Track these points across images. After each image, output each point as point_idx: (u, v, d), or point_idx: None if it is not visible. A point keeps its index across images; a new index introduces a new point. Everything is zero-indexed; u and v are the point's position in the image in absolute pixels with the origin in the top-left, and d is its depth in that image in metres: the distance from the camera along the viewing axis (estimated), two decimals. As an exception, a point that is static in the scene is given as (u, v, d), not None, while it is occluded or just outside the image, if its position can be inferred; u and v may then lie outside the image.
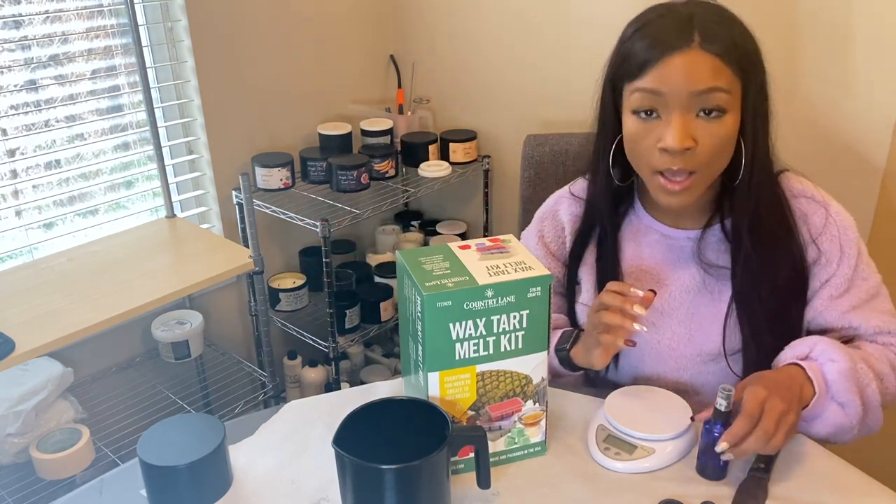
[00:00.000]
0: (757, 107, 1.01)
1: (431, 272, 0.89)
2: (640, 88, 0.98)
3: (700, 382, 1.13)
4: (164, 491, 0.90)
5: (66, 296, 1.55)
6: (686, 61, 0.95)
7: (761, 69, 1.01)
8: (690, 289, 1.11)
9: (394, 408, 0.89)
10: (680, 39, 0.95)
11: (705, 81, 0.95)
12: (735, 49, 0.97)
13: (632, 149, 1.03)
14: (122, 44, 1.83)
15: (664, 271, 1.13)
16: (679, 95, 0.96)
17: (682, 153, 0.97)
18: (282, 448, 1.01)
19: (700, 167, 0.99)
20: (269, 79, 2.04)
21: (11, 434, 1.58)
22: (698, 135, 0.97)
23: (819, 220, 1.07)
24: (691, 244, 1.11)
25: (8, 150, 1.71)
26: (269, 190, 1.97)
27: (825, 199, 1.10)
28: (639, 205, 1.16)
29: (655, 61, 0.96)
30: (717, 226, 1.10)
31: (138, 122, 1.90)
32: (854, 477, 0.93)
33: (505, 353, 0.91)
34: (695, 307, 1.11)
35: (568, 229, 1.21)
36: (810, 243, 1.07)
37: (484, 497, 0.92)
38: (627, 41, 1.01)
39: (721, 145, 0.98)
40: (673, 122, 0.97)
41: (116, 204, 1.92)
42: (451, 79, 2.22)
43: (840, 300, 1.07)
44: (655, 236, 1.14)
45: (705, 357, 1.11)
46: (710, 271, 1.09)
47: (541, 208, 1.26)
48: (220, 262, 1.70)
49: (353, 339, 2.08)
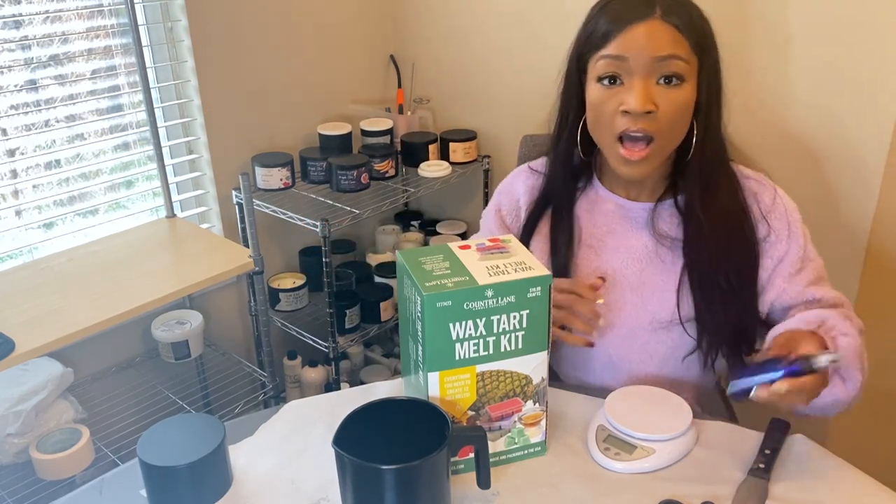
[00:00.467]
0: (711, 86, 1.07)
1: (431, 272, 0.89)
2: (604, 55, 1.04)
3: (652, 350, 1.17)
4: (164, 491, 0.90)
5: (66, 296, 1.55)
6: (648, 29, 1.02)
7: (715, 51, 1.08)
8: (642, 256, 1.16)
9: (394, 408, 0.89)
10: (642, 11, 1.02)
11: (666, 48, 1.01)
12: (693, 25, 1.04)
13: (595, 115, 1.08)
14: (122, 44, 1.83)
15: (617, 237, 1.18)
16: (641, 60, 1.02)
17: (644, 116, 1.03)
18: (282, 448, 1.01)
19: (659, 133, 1.05)
20: (269, 79, 2.04)
21: (11, 434, 1.58)
22: (659, 100, 1.03)
23: (768, 198, 1.14)
24: (645, 214, 1.17)
25: (8, 150, 1.71)
26: (269, 190, 1.97)
27: (773, 183, 1.18)
28: (597, 181, 1.22)
29: (619, 31, 1.03)
30: (669, 200, 1.15)
31: (138, 122, 1.90)
32: (854, 477, 0.93)
33: (505, 353, 0.91)
34: (647, 275, 1.16)
35: (523, 201, 1.25)
36: (761, 220, 1.13)
37: (484, 497, 0.92)
38: (593, 18, 1.08)
39: (679, 112, 1.04)
40: (635, 86, 1.03)
41: (116, 204, 1.92)
42: (451, 79, 2.22)
43: (798, 277, 1.12)
44: (610, 206, 1.19)
45: (657, 325, 1.15)
46: (662, 241, 1.15)
47: (501, 183, 1.31)
48: (220, 262, 1.70)
49: (353, 339, 2.08)
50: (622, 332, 1.17)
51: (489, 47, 2.10)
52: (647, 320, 1.16)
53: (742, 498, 0.89)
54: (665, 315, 1.15)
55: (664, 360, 1.17)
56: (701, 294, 1.12)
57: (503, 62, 2.09)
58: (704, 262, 1.11)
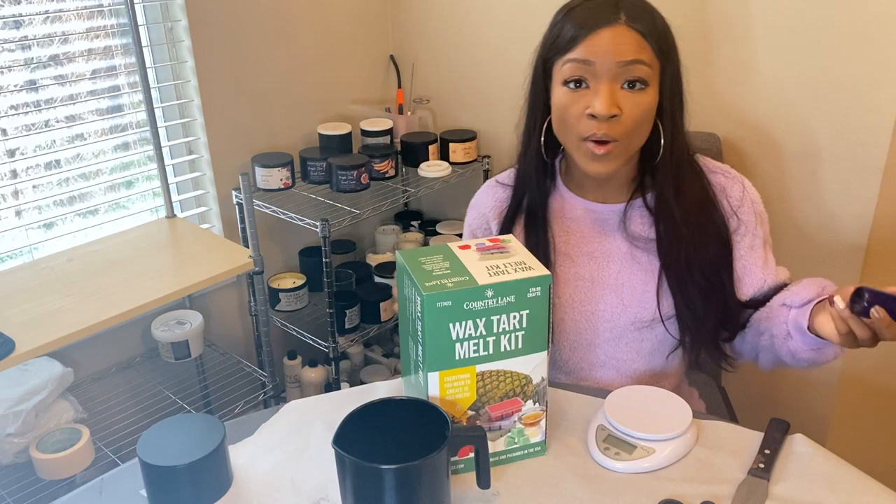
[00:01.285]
0: (674, 89, 1.10)
1: (431, 272, 0.89)
2: (571, 59, 1.06)
3: (636, 350, 1.20)
4: (164, 491, 0.90)
5: (66, 296, 1.55)
6: (613, 35, 1.04)
7: (677, 56, 1.10)
8: (617, 259, 1.18)
9: (394, 408, 0.89)
10: (607, 17, 1.04)
11: (630, 53, 1.03)
12: (656, 32, 1.06)
13: (561, 118, 1.10)
14: (122, 44, 1.83)
15: (590, 242, 1.19)
16: (607, 65, 1.04)
17: (609, 120, 1.05)
18: (282, 448, 1.01)
19: (623, 136, 1.07)
20: (269, 79, 2.04)
21: (11, 434, 1.58)
22: (623, 104, 1.05)
23: (738, 192, 1.17)
24: (616, 216, 1.18)
25: (8, 150, 1.71)
26: (269, 190, 1.97)
27: (740, 175, 1.19)
28: (562, 186, 1.22)
29: (585, 36, 1.05)
30: (639, 200, 1.17)
31: (138, 122, 1.90)
32: (854, 477, 0.93)
33: (505, 353, 0.91)
34: (624, 277, 1.17)
35: (492, 215, 1.26)
36: (731, 215, 1.16)
37: (484, 497, 0.92)
38: (558, 23, 1.10)
39: (643, 116, 1.07)
40: (601, 90, 1.05)
41: (116, 204, 1.92)
42: (451, 79, 2.22)
43: (768, 261, 1.18)
44: (579, 211, 1.20)
45: (640, 324, 1.17)
46: (636, 243, 1.17)
47: (472, 198, 1.32)
48: (220, 262, 1.70)
49: (353, 339, 2.08)
50: (606, 334, 1.19)
51: (489, 47, 2.10)
52: (629, 321, 1.18)
53: (742, 498, 0.89)
54: (647, 314, 1.17)
55: (651, 355, 1.20)
56: (679, 292, 1.14)
57: (503, 62, 2.09)
58: (680, 260, 1.13)
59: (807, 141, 1.63)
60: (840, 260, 1.66)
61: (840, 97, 1.57)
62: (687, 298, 1.14)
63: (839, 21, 1.52)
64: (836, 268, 1.68)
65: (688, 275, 1.13)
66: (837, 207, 1.64)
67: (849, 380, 1.74)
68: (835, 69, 1.55)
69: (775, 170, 1.70)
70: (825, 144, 1.61)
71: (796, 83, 1.61)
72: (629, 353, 1.20)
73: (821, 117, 1.60)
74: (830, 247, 1.67)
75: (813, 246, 1.69)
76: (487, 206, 1.26)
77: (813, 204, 1.67)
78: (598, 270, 1.18)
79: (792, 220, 1.70)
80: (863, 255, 1.63)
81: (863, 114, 1.55)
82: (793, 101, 1.62)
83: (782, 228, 1.72)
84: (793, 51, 1.59)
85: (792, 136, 1.65)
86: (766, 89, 1.65)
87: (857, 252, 1.64)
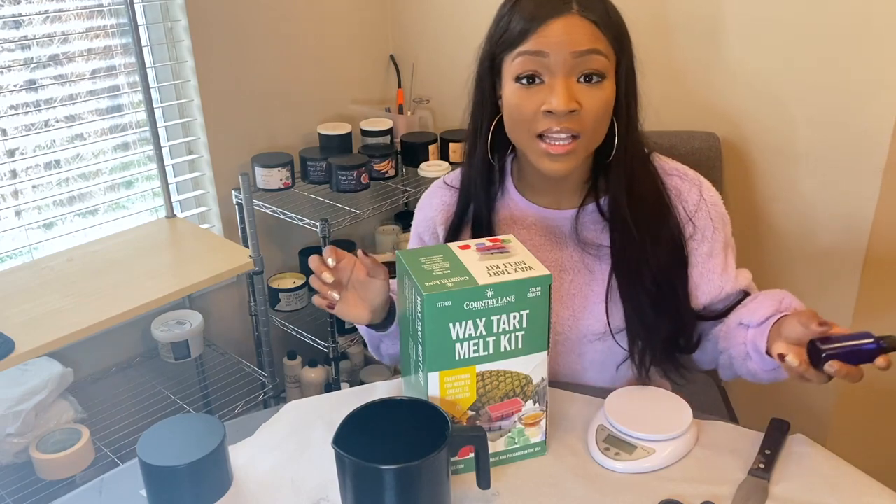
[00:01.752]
0: (629, 84, 1.04)
1: (431, 272, 0.89)
2: (522, 52, 1.00)
3: (588, 361, 1.15)
4: (164, 491, 0.90)
5: (66, 296, 1.55)
6: (566, 24, 0.98)
7: (631, 49, 1.05)
8: (570, 269, 1.13)
9: (394, 408, 0.89)
10: (558, 7, 0.99)
11: (585, 43, 0.98)
12: (610, 21, 1.01)
13: (514, 117, 1.04)
14: (122, 44, 1.83)
15: (542, 253, 1.14)
16: (561, 56, 0.98)
17: (568, 115, 0.99)
18: (282, 448, 1.01)
19: (584, 131, 1.01)
20: (269, 79, 2.04)
21: (11, 434, 1.58)
22: (581, 98, 0.99)
23: (694, 196, 1.11)
24: (568, 223, 1.13)
25: (8, 150, 1.71)
26: (268, 190, 1.97)
27: (697, 177, 1.13)
28: (512, 188, 1.16)
29: (537, 27, 0.99)
30: (591, 205, 1.11)
31: (138, 122, 1.90)
32: (854, 477, 0.93)
33: (505, 353, 0.91)
34: (576, 288, 1.12)
35: (439, 219, 1.19)
36: (687, 221, 1.10)
37: (484, 497, 0.92)
38: (505, 16, 1.04)
39: (603, 109, 1.01)
40: (557, 85, 0.99)
41: (116, 204, 1.92)
42: (451, 79, 2.22)
43: (727, 267, 1.12)
44: (532, 219, 1.15)
45: (591, 337, 1.13)
46: (588, 250, 1.11)
47: (420, 200, 1.26)
48: (219, 262, 1.70)
49: (353, 339, 2.08)
50: (558, 347, 1.14)
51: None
52: (580, 334, 1.13)
53: (742, 498, 0.89)
54: (598, 327, 1.11)
55: (602, 366, 1.15)
56: (629, 299, 1.08)
57: (503, 62, 2.08)
58: (631, 265, 1.07)
59: (807, 141, 1.63)
60: (840, 260, 1.66)
61: (840, 97, 1.56)
62: (637, 307, 1.08)
63: (840, 21, 1.52)
64: (837, 268, 1.68)
65: (638, 281, 1.07)
66: (837, 207, 1.64)
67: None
68: (835, 69, 1.55)
69: (775, 170, 1.70)
70: (825, 144, 1.61)
71: (796, 83, 1.61)
72: (579, 365, 1.15)
73: (820, 117, 1.60)
74: (830, 247, 1.67)
75: (813, 246, 1.69)
76: (434, 208, 1.20)
77: (813, 204, 1.67)
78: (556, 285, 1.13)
79: (792, 221, 1.70)
80: (863, 255, 1.63)
81: (863, 114, 1.55)
82: (792, 101, 1.62)
83: (782, 229, 1.72)
84: (793, 50, 1.59)
85: (792, 136, 1.65)
86: (766, 89, 1.65)
87: (858, 252, 1.64)
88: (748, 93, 1.68)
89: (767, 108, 1.66)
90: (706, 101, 1.73)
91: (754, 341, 1.02)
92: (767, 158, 1.70)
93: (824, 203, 1.65)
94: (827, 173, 1.63)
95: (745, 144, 1.72)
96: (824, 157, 1.62)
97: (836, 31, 1.53)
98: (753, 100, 1.67)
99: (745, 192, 1.73)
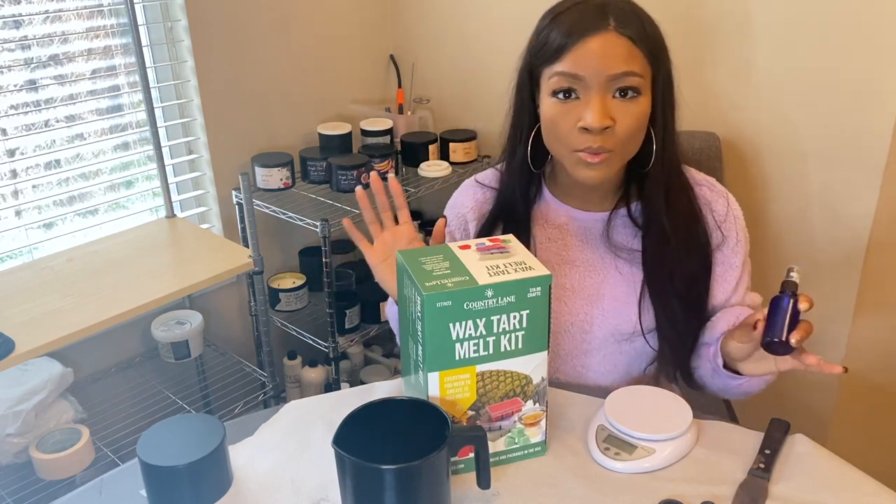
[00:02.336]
0: (665, 95, 1.07)
1: (431, 272, 0.89)
2: (558, 72, 1.02)
3: (613, 362, 1.17)
4: (164, 491, 0.90)
5: (66, 296, 1.55)
6: (602, 44, 0.99)
7: (668, 59, 1.06)
8: (600, 269, 1.15)
9: (394, 408, 0.89)
10: (596, 24, 1.00)
11: (621, 65, 1.00)
12: (646, 36, 1.02)
13: (551, 130, 1.06)
14: (122, 44, 1.83)
15: (572, 251, 1.16)
16: (597, 77, 1.00)
17: (602, 132, 1.01)
18: (282, 448, 1.01)
19: (617, 146, 1.03)
20: (269, 79, 2.04)
21: (11, 434, 1.58)
22: (616, 114, 1.01)
23: (722, 207, 1.15)
24: (599, 226, 1.16)
25: (8, 150, 1.71)
26: (268, 190, 1.97)
27: (724, 189, 1.17)
28: (547, 193, 1.19)
29: (573, 44, 1.00)
30: (623, 209, 1.14)
31: (138, 122, 1.90)
32: (854, 477, 0.93)
33: (505, 353, 0.91)
34: (606, 288, 1.15)
35: (471, 216, 1.22)
36: (715, 229, 1.14)
37: (484, 497, 0.92)
38: (545, 29, 1.06)
39: (637, 125, 1.03)
40: (592, 102, 1.01)
41: (116, 204, 1.92)
42: (451, 79, 2.22)
43: (741, 282, 1.16)
44: (563, 219, 1.18)
45: (619, 336, 1.15)
46: (619, 254, 1.14)
47: (451, 197, 1.28)
48: (220, 262, 1.70)
49: (353, 339, 2.08)
50: (584, 346, 1.17)
51: (489, 47, 2.09)
52: (609, 332, 1.15)
53: (742, 498, 0.89)
54: (627, 327, 1.14)
55: (627, 370, 1.17)
56: (661, 304, 1.12)
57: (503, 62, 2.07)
58: (664, 272, 1.11)
59: (807, 141, 1.63)
60: (840, 260, 1.66)
61: (840, 97, 1.56)
62: (669, 312, 1.11)
63: (840, 21, 1.52)
64: (837, 268, 1.68)
65: (671, 288, 1.11)
66: (837, 207, 1.64)
67: (849, 380, 1.74)
68: (835, 69, 1.55)
69: (775, 170, 1.70)
70: (825, 144, 1.61)
71: (796, 83, 1.61)
72: (605, 366, 1.17)
73: (821, 117, 1.60)
74: (830, 247, 1.67)
75: (813, 246, 1.69)
76: (467, 206, 1.23)
77: (813, 204, 1.67)
78: (580, 280, 1.15)
79: (792, 220, 1.70)
80: (863, 255, 1.63)
81: (863, 114, 1.55)
82: (792, 101, 1.62)
83: (782, 228, 1.72)
84: (793, 50, 1.59)
85: (792, 136, 1.65)
86: (766, 89, 1.65)
87: (857, 252, 1.64)
88: (748, 93, 1.68)
89: (767, 108, 1.66)
90: (706, 101, 1.73)
91: (714, 358, 1.06)
92: (767, 158, 1.70)
93: (824, 203, 1.65)
94: (827, 173, 1.63)
95: (745, 144, 1.72)
96: (824, 157, 1.62)
97: (836, 31, 1.53)
98: (753, 100, 1.67)
99: (745, 192, 1.73)
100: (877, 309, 1.67)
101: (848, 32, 1.52)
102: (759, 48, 1.63)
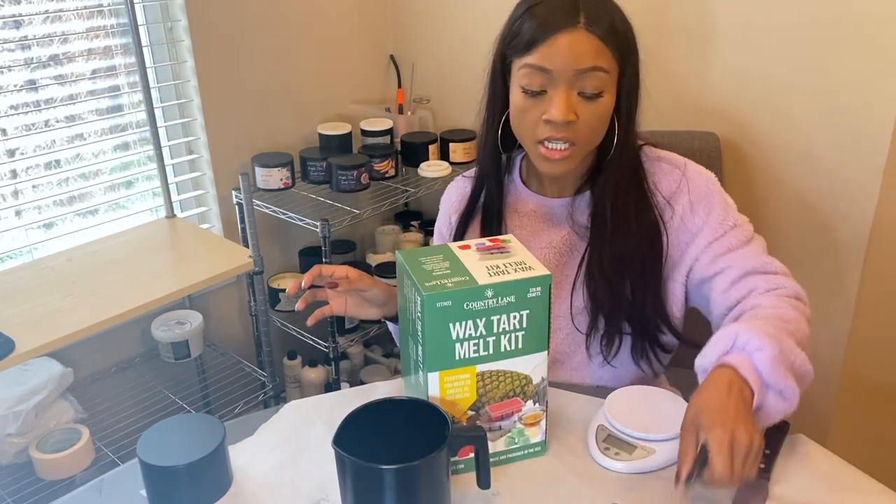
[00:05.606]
0: (631, 88, 1.10)
1: (431, 272, 0.89)
2: (528, 64, 1.06)
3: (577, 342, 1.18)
4: (164, 491, 0.90)
5: (66, 296, 1.55)
6: (572, 40, 1.03)
7: (636, 54, 1.09)
8: (561, 250, 1.19)
9: (394, 408, 0.89)
10: (567, 20, 1.03)
11: (588, 60, 1.03)
12: (615, 33, 1.05)
13: (518, 120, 1.11)
14: (122, 44, 1.83)
15: (539, 236, 1.21)
16: (564, 72, 1.04)
17: (565, 125, 1.06)
18: (282, 448, 1.01)
19: (579, 139, 1.08)
20: (269, 79, 2.04)
21: (11, 434, 1.58)
22: (579, 111, 1.06)
23: (673, 181, 1.14)
24: (564, 210, 1.20)
25: (8, 150, 1.71)
26: (268, 190, 1.97)
27: (682, 160, 1.17)
28: (517, 180, 1.24)
29: (544, 39, 1.04)
30: (587, 192, 1.17)
31: (138, 122, 1.90)
32: (854, 477, 0.93)
33: (505, 353, 0.91)
34: (569, 268, 1.18)
35: (454, 208, 1.27)
36: (665, 206, 1.13)
37: (484, 497, 0.92)
38: (518, 19, 1.09)
39: (599, 122, 1.08)
40: (557, 96, 1.05)
41: (116, 204, 1.92)
42: (451, 79, 2.22)
43: (715, 244, 1.11)
44: (531, 206, 1.22)
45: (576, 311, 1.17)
46: (578, 231, 1.18)
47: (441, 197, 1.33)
48: (220, 262, 1.70)
49: (353, 339, 2.08)
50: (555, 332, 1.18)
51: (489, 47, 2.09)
52: (565, 311, 1.17)
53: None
54: (580, 302, 1.16)
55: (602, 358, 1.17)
56: (604, 282, 1.12)
57: (503, 62, 2.08)
58: (605, 252, 1.12)
59: (806, 141, 1.63)
60: (840, 260, 1.66)
61: (840, 97, 1.56)
62: (614, 289, 1.12)
63: (840, 21, 1.52)
64: (837, 268, 1.68)
65: (617, 262, 1.11)
66: (837, 207, 1.64)
67: (849, 380, 1.74)
68: (835, 69, 1.55)
69: (774, 170, 1.70)
70: (825, 144, 1.61)
71: (796, 83, 1.61)
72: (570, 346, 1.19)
73: (820, 117, 1.60)
74: (830, 247, 1.67)
75: (813, 246, 1.69)
76: (451, 201, 1.28)
77: (812, 204, 1.67)
78: (544, 261, 1.19)
79: (792, 220, 1.70)
80: (863, 255, 1.63)
81: (862, 114, 1.55)
82: (792, 101, 1.62)
83: (782, 228, 1.72)
84: (792, 50, 1.59)
85: (791, 136, 1.65)
86: (766, 89, 1.65)
87: (857, 252, 1.64)
88: (748, 93, 1.68)
89: (767, 108, 1.66)
90: (706, 101, 1.73)
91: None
92: (767, 158, 1.70)
93: (824, 203, 1.65)
94: (827, 173, 1.63)
95: (745, 144, 1.72)
96: (824, 156, 1.62)
97: (836, 31, 1.53)
98: (753, 100, 1.67)
99: (745, 192, 1.73)
100: (877, 309, 1.67)
101: (848, 33, 1.52)
102: (760, 49, 1.63)
